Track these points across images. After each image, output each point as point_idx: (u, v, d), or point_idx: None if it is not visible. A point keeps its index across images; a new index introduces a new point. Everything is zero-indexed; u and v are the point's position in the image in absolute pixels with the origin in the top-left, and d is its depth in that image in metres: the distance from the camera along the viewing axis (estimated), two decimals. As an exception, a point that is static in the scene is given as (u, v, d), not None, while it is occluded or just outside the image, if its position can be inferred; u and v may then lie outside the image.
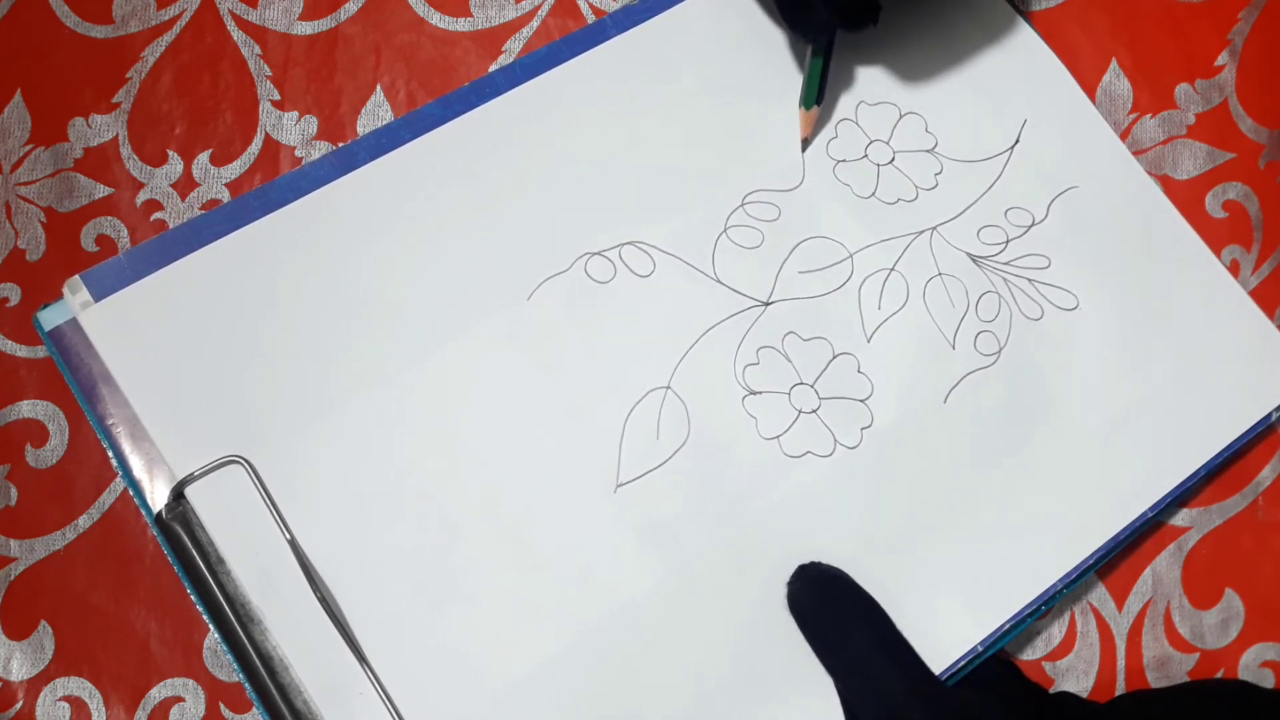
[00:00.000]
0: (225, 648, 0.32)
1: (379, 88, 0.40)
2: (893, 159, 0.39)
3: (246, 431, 0.33)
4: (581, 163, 0.37)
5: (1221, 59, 0.42)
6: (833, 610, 0.33)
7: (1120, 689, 0.37)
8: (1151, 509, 0.36)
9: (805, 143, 0.39)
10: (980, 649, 0.34)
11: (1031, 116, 0.40)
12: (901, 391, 0.36)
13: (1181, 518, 0.38)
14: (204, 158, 0.39)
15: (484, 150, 0.37)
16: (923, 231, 0.38)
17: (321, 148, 0.39)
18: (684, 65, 0.39)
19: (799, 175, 0.38)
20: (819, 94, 0.38)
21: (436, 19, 0.41)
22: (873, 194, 0.38)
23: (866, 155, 0.39)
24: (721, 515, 0.34)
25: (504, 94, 0.38)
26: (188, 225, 0.35)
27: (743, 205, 0.38)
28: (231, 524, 0.32)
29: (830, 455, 0.35)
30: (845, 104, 0.40)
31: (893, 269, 0.38)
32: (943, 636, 0.34)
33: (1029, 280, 0.38)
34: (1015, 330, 0.37)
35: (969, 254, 0.38)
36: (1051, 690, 0.37)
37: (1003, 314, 0.38)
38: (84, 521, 0.36)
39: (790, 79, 0.39)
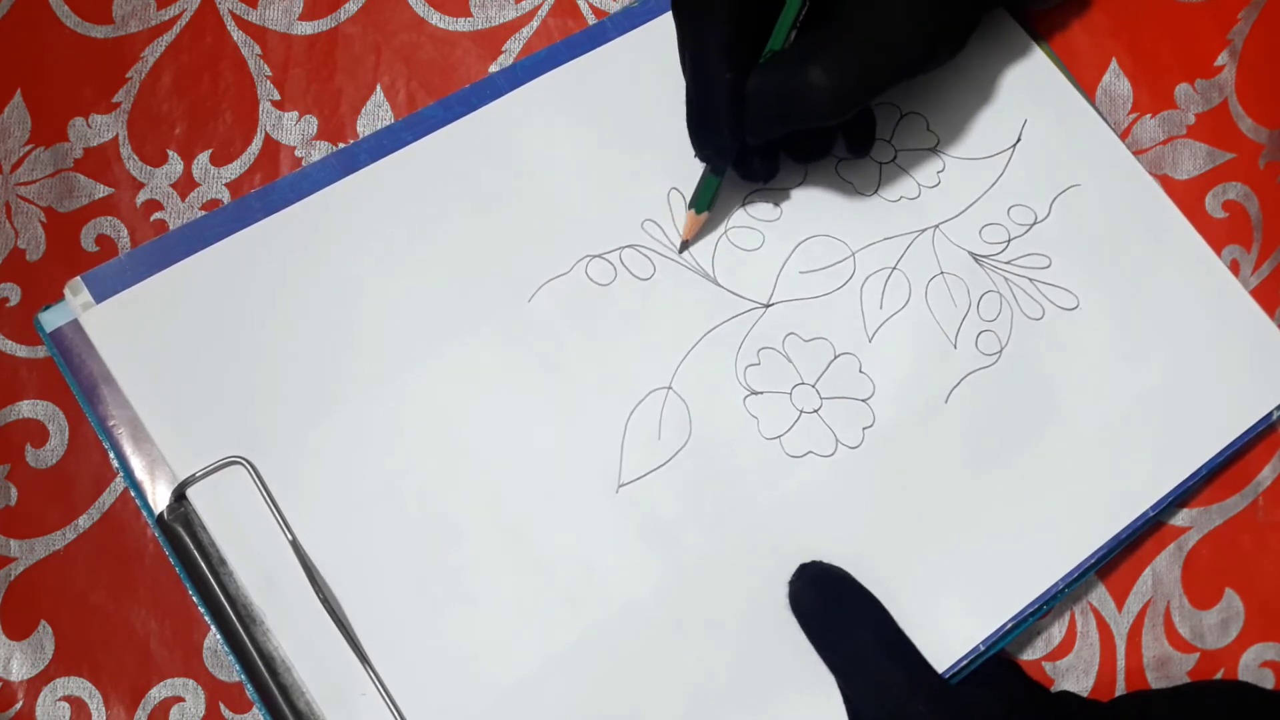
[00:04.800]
0: (227, 648, 0.32)
1: (379, 88, 0.40)
2: (894, 157, 0.39)
3: (248, 432, 0.33)
4: (582, 165, 0.37)
5: (1221, 59, 0.42)
6: (835, 609, 0.33)
7: (1120, 689, 0.37)
8: (1152, 509, 0.36)
9: (684, 244, 0.37)
10: (982, 648, 0.34)
11: (1032, 117, 0.40)
12: (903, 391, 0.36)
13: (1181, 518, 0.38)
14: (204, 158, 0.39)
15: (485, 152, 0.37)
16: (925, 230, 0.38)
17: (321, 148, 0.39)
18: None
19: (801, 173, 0.38)
20: (711, 201, 0.36)
21: (436, 19, 0.41)
22: (875, 192, 0.38)
23: (869, 154, 0.39)
24: (723, 515, 0.34)
25: (504, 95, 0.38)
26: (189, 226, 0.35)
27: (743, 205, 0.38)
28: (233, 525, 0.32)
29: (832, 455, 0.35)
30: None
31: (895, 267, 0.38)
32: (944, 636, 0.34)
33: (1030, 280, 0.38)
34: (1016, 330, 0.37)
35: (971, 253, 0.38)
36: (1052, 690, 0.37)
37: (1004, 313, 0.38)
38: (84, 521, 0.36)
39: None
